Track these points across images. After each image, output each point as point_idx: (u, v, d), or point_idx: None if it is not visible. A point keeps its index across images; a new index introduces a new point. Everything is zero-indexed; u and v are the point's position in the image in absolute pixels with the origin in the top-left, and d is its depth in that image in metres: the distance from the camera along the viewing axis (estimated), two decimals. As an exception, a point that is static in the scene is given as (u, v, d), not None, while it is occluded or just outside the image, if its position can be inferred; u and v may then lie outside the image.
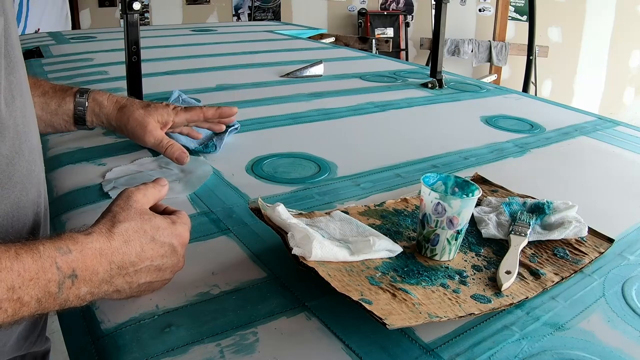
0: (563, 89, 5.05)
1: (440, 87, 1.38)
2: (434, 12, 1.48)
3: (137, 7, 0.95)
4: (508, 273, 0.53)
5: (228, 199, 0.70)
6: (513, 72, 5.04)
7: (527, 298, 0.51)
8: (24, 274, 0.38)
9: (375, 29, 5.24)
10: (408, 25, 5.38)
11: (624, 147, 0.99)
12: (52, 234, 0.44)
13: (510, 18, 5.05)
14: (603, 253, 0.59)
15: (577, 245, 0.60)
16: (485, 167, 0.85)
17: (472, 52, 5.01)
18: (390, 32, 5.29)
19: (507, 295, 0.51)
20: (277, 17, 5.20)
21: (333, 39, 3.03)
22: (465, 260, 0.56)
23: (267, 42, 2.12)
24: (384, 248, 0.55)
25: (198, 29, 2.41)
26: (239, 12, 5.12)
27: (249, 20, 5.02)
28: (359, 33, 5.18)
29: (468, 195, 0.56)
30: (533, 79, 3.54)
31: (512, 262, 0.55)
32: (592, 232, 0.63)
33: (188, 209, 0.67)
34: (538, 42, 3.35)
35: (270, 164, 0.82)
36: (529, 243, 0.60)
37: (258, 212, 0.58)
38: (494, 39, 4.99)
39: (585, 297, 0.53)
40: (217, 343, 0.44)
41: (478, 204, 0.68)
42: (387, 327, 0.42)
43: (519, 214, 0.64)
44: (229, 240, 0.60)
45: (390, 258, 0.55)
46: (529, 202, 0.67)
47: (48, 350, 0.67)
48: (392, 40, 4.37)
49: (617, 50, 4.82)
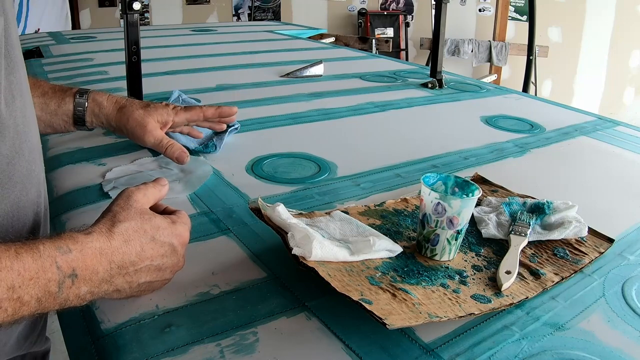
0: (563, 89, 5.05)
1: (440, 87, 1.38)
2: (434, 12, 1.48)
3: (137, 7, 0.95)
4: (508, 273, 0.53)
5: (228, 199, 0.70)
6: (513, 72, 5.04)
7: (527, 298, 0.51)
8: (24, 274, 0.38)
9: (375, 29, 5.24)
10: (408, 25, 5.38)
11: (624, 147, 0.99)
12: (52, 234, 0.44)
13: (510, 18, 5.05)
14: (603, 253, 0.59)
15: (577, 245, 0.60)
16: (485, 167, 0.85)
17: (472, 52, 5.01)
18: (390, 32, 5.29)
19: (507, 295, 0.51)
20: (277, 17, 5.20)
21: (333, 39, 3.03)
22: (465, 260, 0.56)
23: (267, 42, 2.12)
24: (384, 248, 0.55)
25: (198, 29, 2.41)
26: (239, 12, 5.12)
27: (249, 20, 5.02)
28: (359, 33, 5.18)
29: (468, 195, 0.56)
30: (533, 79, 3.54)
31: (512, 262, 0.55)
32: (592, 232, 0.63)
33: (188, 209, 0.67)
34: (538, 42, 3.35)
35: (270, 164, 0.82)
36: (529, 243, 0.60)
37: (258, 212, 0.58)
38: (494, 39, 4.99)
39: (585, 297, 0.53)
40: (217, 343, 0.44)
41: (478, 204, 0.68)
42: (387, 327, 0.42)
43: (519, 214, 0.64)
44: (229, 240, 0.60)
45: (390, 258, 0.55)
46: (529, 202, 0.67)
47: (48, 350, 0.67)
48: (392, 40, 4.37)
49: (617, 50, 4.82)
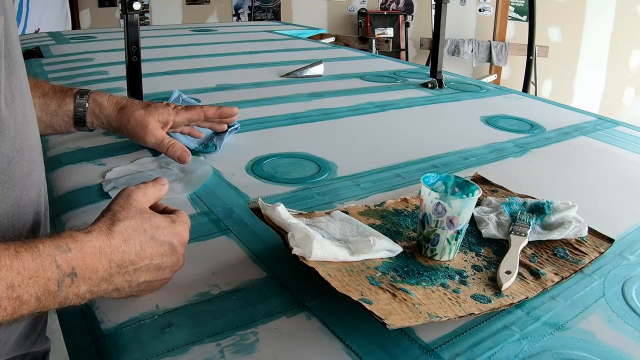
0: (563, 89, 5.05)
1: (440, 87, 1.38)
2: (434, 12, 1.47)
3: (137, 7, 0.95)
4: (508, 273, 0.53)
5: (228, 199, 0.70)
6: (513, 72, 5.04)
7: (527, 298, 0.51)
8: (24, 272, 0.38)
9: (375, 29, 5.24)
10: (408, 25, 5.38)
11: (624, 147, 0.99)
12: (51, 233, 0.44)
13: (510, 18, 5.05)
14: (603, 253, 0.59)
15: (577, 245, 0.60)
16: (485, 167, 0.85)
17: (472, 52, 5.01)
18: (390, 32, 5.29)
19: (507, 295, 0.51)
20: (277, 17, 5.20)
21: (333, 39, 3.03)
22: (465, 260, 0.56)
23: (267, 42, 2.12)
24: (384, 248, 0.55)
25: (198, 29, 2.41)
26: (239, 12, 5.12)
27: (249, 20, 5.03)
28: (359, 33, 5.18)
29: (468, 195, 0.56)
30: (533, 79, 3.54)
31: (512, 262, 0.55)
32: (592, 232, 0.63)
33: (188, 209, 0.67)
34: (538, 42, 3.35)
35: (270, 164, 0.82)
36: (529, 243, 0.60)
37: (258, 212, 0.58)
38: (494, 39, 5.00)
39: (585, 297, 0.53)
40: (217, 343, 0.44)
41: (478, 204, 0.68)
42: (387, 327, 0.42)
43: (519, 214, 0.64)
44: (229, 240, 0.60)
45: (390, 258, 0.55)
46: (529, 202, 0.67)
47: (48, 350, 0.67)
48: (392, 40, 4.37)
49: (617, 50, 4.82)
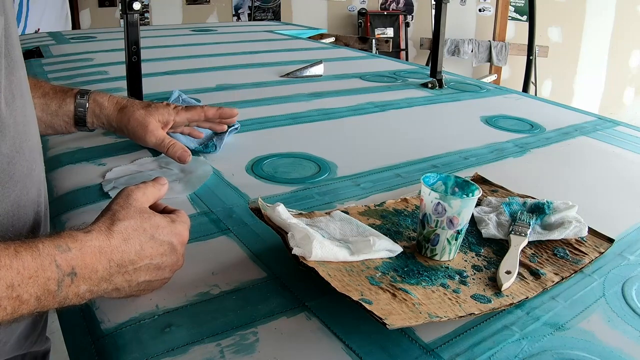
0: (563, 89, 5.05)
1: (440, 87, 1.38)
2: (434, 12, 1.47)
3: (137, 7, 0.95)
4: (508, 273, 0.53)
5: (228, 199, 0.70)
6: (513, 72, 5.04)
7: (527, 298, 0.51)
8: (23, 272, 0.38)
9: (375, 29, 5.24)
10: (408, 25, 5.38)
11: (624, 147, 0.99)
12: (51, 232, 0.44)
13: (510, 18, 5.05)
14: (603, 253, 0.59)
15: (577, 245, 0.60)
16: (485, 167, 0.85)
17: (472, 52, 5.01)
18: (390, 32, 5.29)
19: (507, 295, 0.51)
20: (277, 17, 5.20)
21: (333, 39, 3.03)
22: (465, 260, 0.56)
23: (267, 42, 2.12)
24: (384, 248, 0.55)
25: (198, 29, 2.41)
26: (239, 12, 5.12)
27: (249, 20, 5.02)
28: (359, 33, 5.18)
29: (468, 195, 0.56)
30: (533, 79, 3.54)
31: (512, 262, 0.55)
32: (592, 232, 0.63)
33: (188, 209, 0.67)
34: (538, 42, 3.35)
35: (270, 164, 0.82)
36: (529, 243, 0.60)
37: (258, 212, 0.58)
38: (494, 39, 5.00)
39: (585, 297, 0.53)
40: (217, 343, 0.44)
41: (478, 204, 0.68)
42: (387, 327, 0.42)
43: (519, 214, 0.64)
44: (229, 240, 0.60)
45: (390, 258, 0.55)
46: (529, 202, 0.67)
47: (48, 350, 0.67)
48: (392, 40, 4.37)
49: (617, 50, 4.82)
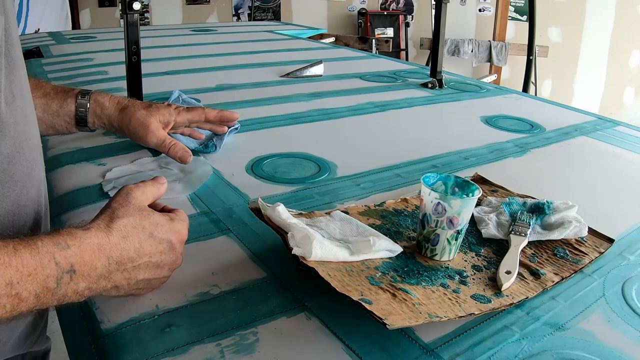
0: (563, 89, 5.05)
1: (440, 87, 1.38)
2: (434, 12, 1.47)
3: (137, 7, 0.95)
4: (508, 273, 0.53)
5: (228, 199, 0.70)
6: (513, 72, 5.04)
7: (527, 298, 0.51)
8: (22, 270, 0.38)
9: (375, 29, 5.24)
10: (408, 25, 5.38)
11: (624, 147, 0.99)
12: (50, 230, 0.44)
13: (510, 18, 5.05)
14: (603, 253, 0.59)
15: (577, 245, 0.60)
16: (485, 167, 0.85)
17: (472, 52, 5.01)
18: (390, 32, 5.29)
19: (507, 295, 0.51)
20: (277, 17, 5.20)
21: (333, 39, 3.03)
22: (465, 260, 0.56)
23: (267, 42, 2.12)
24: (384, 248, 0.55)
25: (198, 29, 2.41)
26: (239, 12, 5.12)
27: (249, 20, 5.02)
28: (359, 33, 5.18)
29: (468, 195, 0.56)
30: (533, 79, 3.54)
31: (512, 262, 0.55)
32: (592, 232, 0.63)
33: (188, 209, 0.67)
34: (538, 42, 3.35)
35: (270, 164, 0.82)
36: (529, 243, 0.60)
37: (258, 212, 0.58)
38: (494, 39, 4.99)
39: (585, 297, 0.53)
40: (217, 343, 0.44)
41: (478, 204, 0.68)
42: (387, 327, 0.42)
43: (519, 214, 0.64)
44: (229, 240, 0.60)
45: (390, 258, 0.55)
46: (529, 202, 0.67)
47: (48, 350, 0.67)
48: (392, 40, 4.37)
49: (617, 50, 4.82)
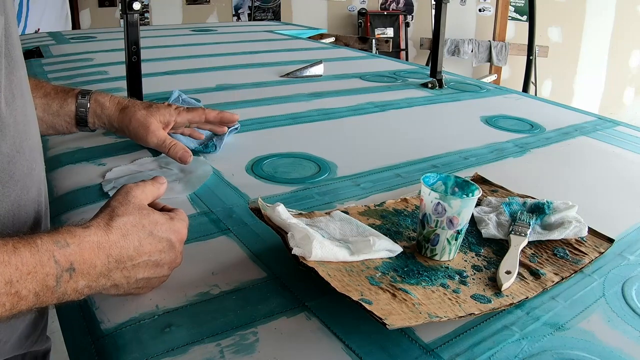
0: (563, 89, 5.05)
1: (440, 87, 1.38)
2: (434, 12, 1.47)
3: (137, 7, 0.95)
4: (508, 273, 0.53)
5: (228, 199, 0.70)
6: (513, 72, 5.04)
7: (527, 298, 0.51)
8: (22, 268, 0.38)
9: (375, 29, 5.24)
10: (408, 25, 5.38)
11: (624, 147, 0.99)
12: (50, 228, 0.44)
13: (510, 18, 5.05)
14: (603, 253, 0.59)
15: (577, 245, 0.60)
16: (485, 167, 0.85)
17: (472, 52, 5.01)
18: (390, 32, 5.29)
19: (507, 295, 0.51)
20: (277, 17, 5.20)
21: (333, 39, 3.03)
22: (465, 260, 0.56)
23: (267, 42, 2.12)
24: (384, 248, 0.55)
25: (198, 29, 2.41)
26: (239, 12, 5.12)
27: (249, 20, 5.02)
28: (359, 33, 5.18)
29: (468, 195, 0.56)
30: (533, 79, 3.54)
31: (512, 262, 0.55)
32: (592, 232, 0.63)
33: (188, 209, 0.67)
34: (538, 42, 3.35)
35: (270, 164, 0.82)
36: (529, 243, 0.60)
37: (258, 212, 0.58)
38: (494, 39, 4.99)
39: (585, 297, 0.53)
40: (217, 343, 0.44)
41: (478, 204, 0.68)
42: (387, 327, 0.42)
43: (519, 214, 0.64)
44: (229, 240, 0.60)
45: (390, 258, 0.55)
46: (529, 202, 0.67)
47: (48, 350, 0.67)
48: (392, 40, 4.37)
49: (617, 50, 4.82)
